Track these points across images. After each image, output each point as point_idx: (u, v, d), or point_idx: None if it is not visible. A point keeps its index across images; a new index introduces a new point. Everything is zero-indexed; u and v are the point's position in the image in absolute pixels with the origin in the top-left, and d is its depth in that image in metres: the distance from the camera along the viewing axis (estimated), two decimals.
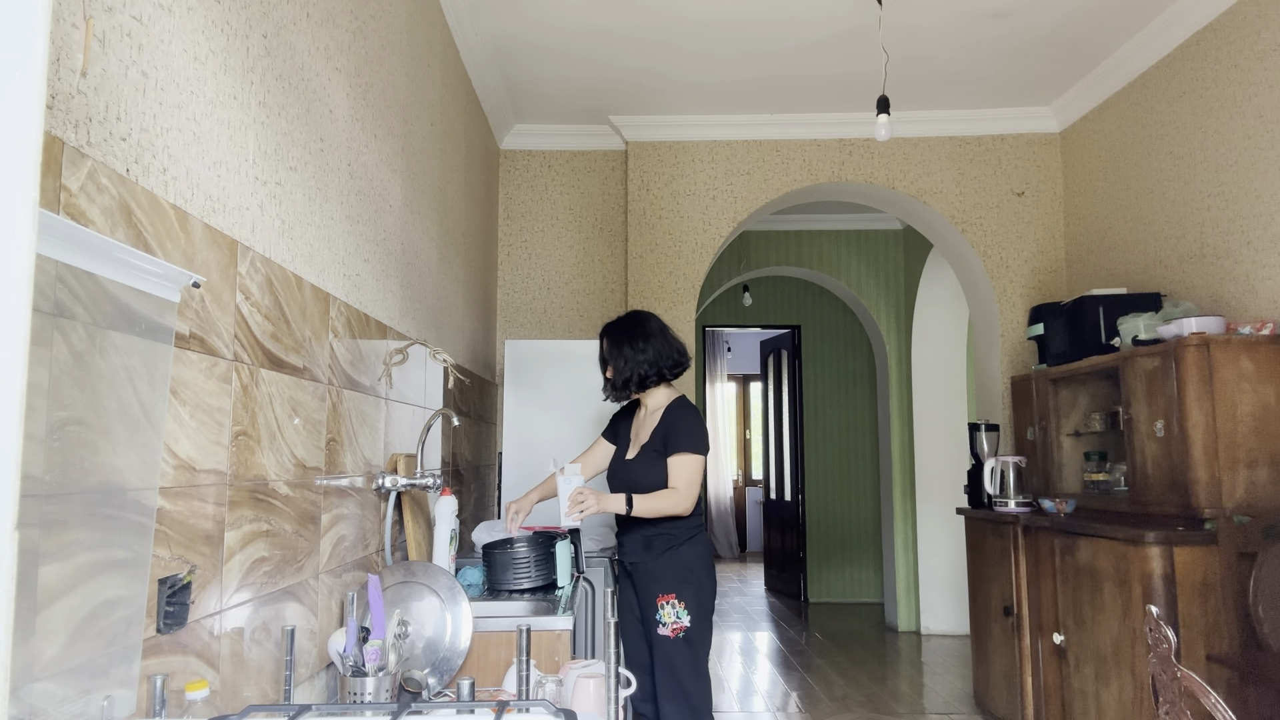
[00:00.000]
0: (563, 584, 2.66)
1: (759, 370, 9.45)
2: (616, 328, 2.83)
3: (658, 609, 2.65)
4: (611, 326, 2.85)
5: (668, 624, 2.64)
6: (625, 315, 2.89)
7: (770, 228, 6.85)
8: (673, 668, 2.63)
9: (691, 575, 2.69)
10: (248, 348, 1.55)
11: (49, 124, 1.03)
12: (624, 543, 2.80)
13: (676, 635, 2.63)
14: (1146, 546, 2.96)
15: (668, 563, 2.68)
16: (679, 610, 2.64)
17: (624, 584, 2.85)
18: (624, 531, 2.80)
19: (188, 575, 1.31)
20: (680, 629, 2.64)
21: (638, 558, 2.73)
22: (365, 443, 2.26)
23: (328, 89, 2.03)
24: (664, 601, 2.65)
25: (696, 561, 2.72)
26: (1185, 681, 1.62)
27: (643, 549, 2.72)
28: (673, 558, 2.69)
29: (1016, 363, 4.64)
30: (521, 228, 4.92)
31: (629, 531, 2.77)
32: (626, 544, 2.79)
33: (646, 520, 2.71)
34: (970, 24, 3.79)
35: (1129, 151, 4.14)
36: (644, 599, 2.71)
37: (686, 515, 2.72)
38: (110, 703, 1.08)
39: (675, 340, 2.84)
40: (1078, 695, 3.41)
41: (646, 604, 2.69)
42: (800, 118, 4.76)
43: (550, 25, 3.79)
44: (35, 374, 0.93)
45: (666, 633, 2.64)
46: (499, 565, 2.59)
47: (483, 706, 1.30)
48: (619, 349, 2.79)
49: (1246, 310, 3.36)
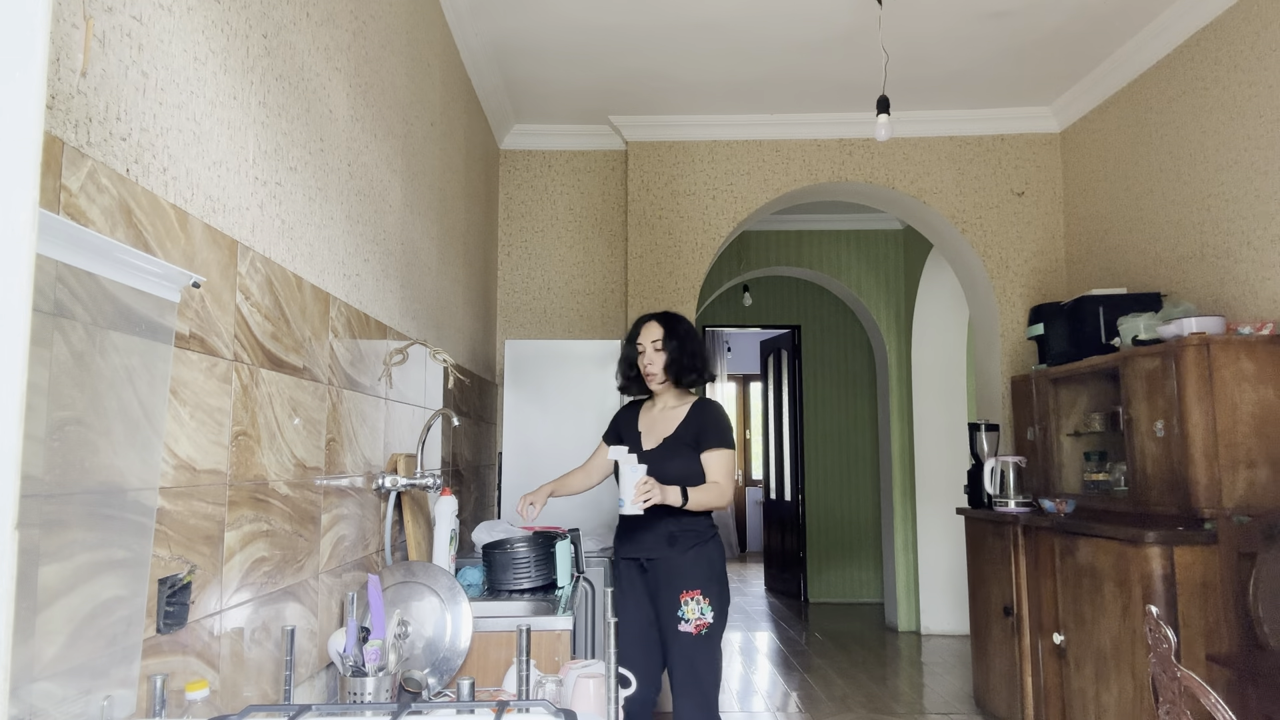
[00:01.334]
0: (563, 584, 2.66)
1: (759, 370, 9.45)
2: (678, 318, 2.85)
3: (680, 605, 2.61)
4: (673, 315, 2.85)
5: (691, 620, 2.60)
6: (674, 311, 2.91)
7: (770, 228, 6.85)
8: (693, 665, 2.60)
9: (715, 572, 2.68)
10: (248, 348, 1.55)
11: (49, 124, 1.03)
12: (641, 538, 2.72)
13: (699, 632, 2.60)
14: (1146, 546, 2.96)
15: (694, 559, 2.65)
16: (703, 606, 2.62)
17: (631, 582, 2.76)
18: (642, 527, 2.72)
19: (188, 575, 1.31)
20: (704, 625, 2.61)
21: (659, 553, 2.67)
22: (365, 443, 2.26)
23: (328, 89, 2.03)
24: (688, 598, 2.61)
25: (719, 559, 2.71)
26: (1185, 681, 1.62)
27: (665, 545, 2.67)
28: (698, 554, 2.66)
29: (1016, 363, 4.64)
30: (521, 228, 4.92)
31: (648, 527, 2.70)
32: (645, 539, 2.71)
33: (669, 516, 2.67)
34: (970, 24, 3.79)
35: (1129, 151, 4.14)
36: (663, 596, 2.65)
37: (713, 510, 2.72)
38: (110, 703, 1.08)
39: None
40: (1078, 695, 3.41)
41: (666, 601, 2.64)
42: (800, 118, 4.76)
43: (550, 25, 3.79)
44: (35, 374, 0.93)
45: (689, 629, 2.60)
46: (499, 565, 2.59)
47: (483, 706, 1.30)
48: (689, 337, 2.81)
49: (1246, 310, 3.36)
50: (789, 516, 7.84)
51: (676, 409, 2.82)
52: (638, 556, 2.73)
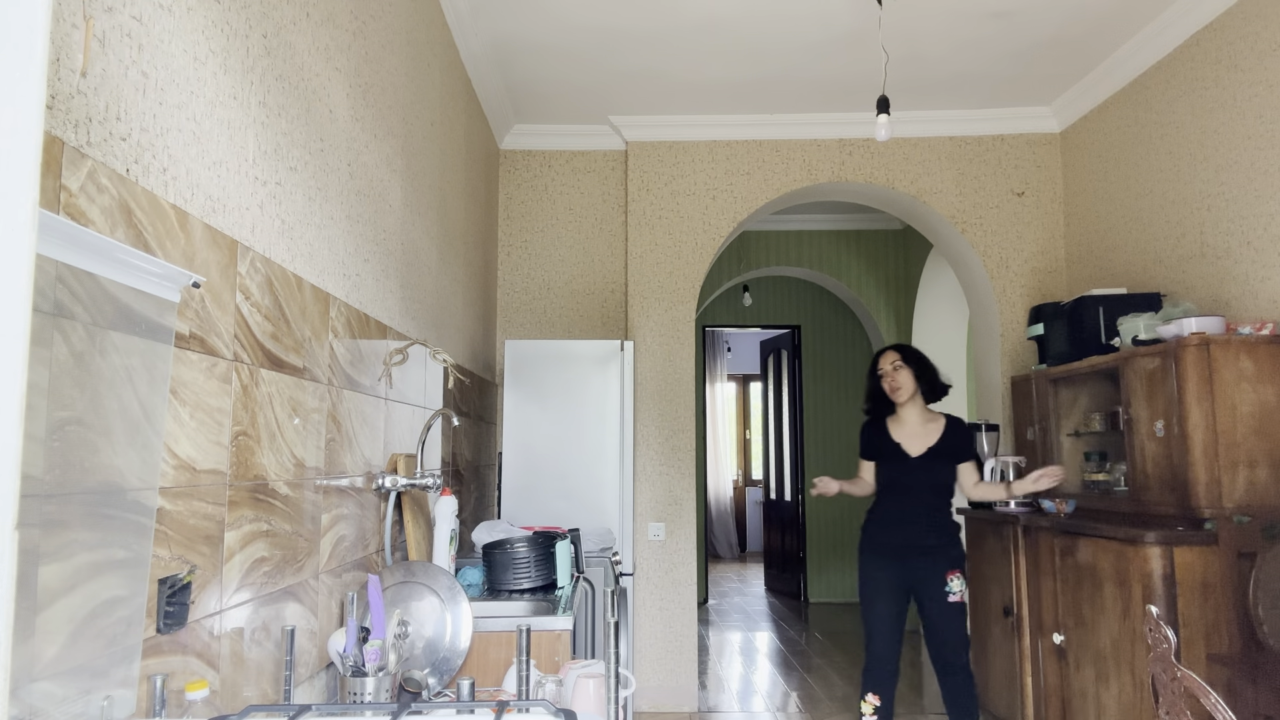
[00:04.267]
0: (563, 584, 2.66)
1: (759, 370, 9.45)
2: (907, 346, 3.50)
3: (947, 582, 3.26)
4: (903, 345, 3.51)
5: (957, 592, 3.25)
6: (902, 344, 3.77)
7: (770, 228, 6.85)
8: (961, 625, 3.26)
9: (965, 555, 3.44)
10: (248, 348, 1.55)
11: (49, 124, 1.03)
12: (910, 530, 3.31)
13: (962, 599, 3.26)
14: (1146, 546, 2.96)
15: (952, 544, 3.31)
16: (963, 581, 3.29)
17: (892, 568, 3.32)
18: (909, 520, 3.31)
19: (188, 575, 1.31)
20: (964, 595, 3.28)
21: (935, 540, 3.29)
22: (365, 443, 2.26)
23: (328, 89, 2.03)
24: (953, 576, 3.26)
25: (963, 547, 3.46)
26: (1185, 681, 1.62)
27: (936, 533, 3.30)
28: (955, 540, 3.33)
29: (1016, 363, 4.64)
30: (521, 228, 4.91)
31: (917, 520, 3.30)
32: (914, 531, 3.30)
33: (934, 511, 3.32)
34: (970, 24, 3.79)
35: (1129, 151, 4.14)
36: (934, 575, 3.26)
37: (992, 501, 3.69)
38: (110, 703, 1.08)
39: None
40: (1077, 695, 3.40)
41: (936, 579, 3.26)
42: (800, 118, 4.76)
43: (550, 25, 3.79)
44: (35, 374, 0.93)
45: (958, 599, 3.26)
46: (499, 565, 2.59)
47: (483, 706, 1.30)
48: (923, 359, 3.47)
49: (1246, 310, 3.36)
50: (789, 516, 7.84)
51: (931, 424, 3.41)
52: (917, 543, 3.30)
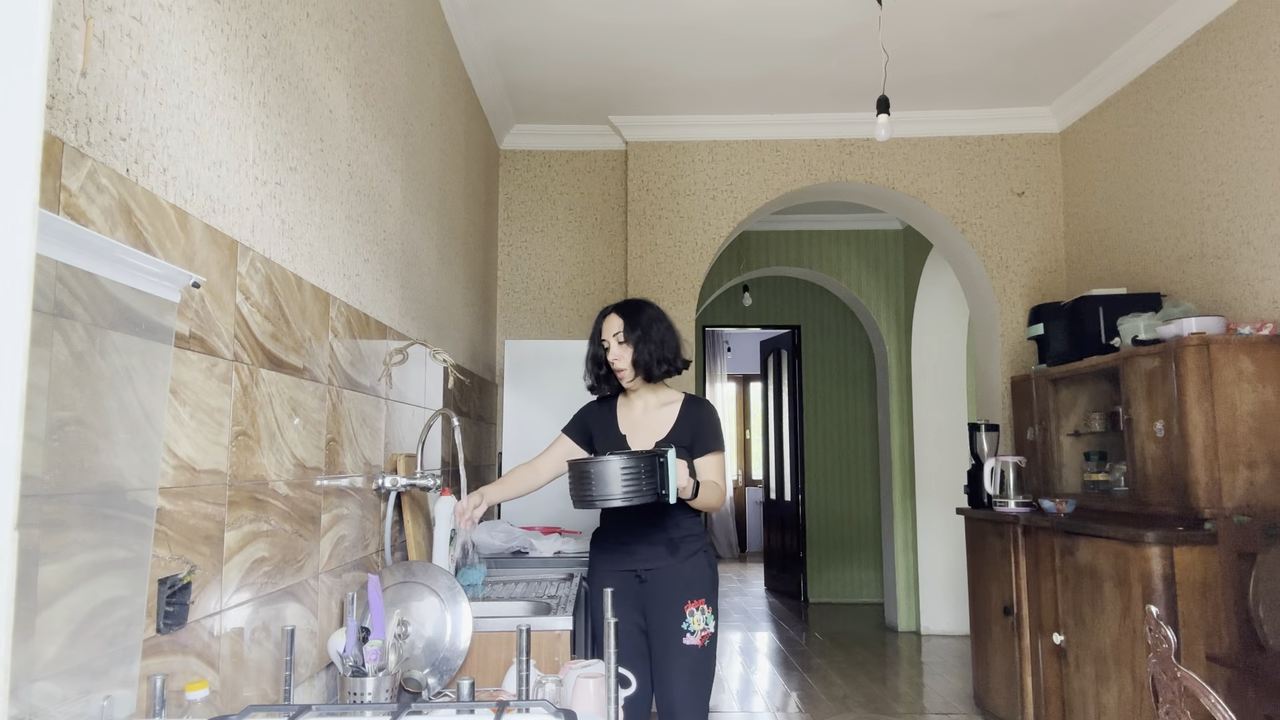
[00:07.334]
0: (672, 500, 2.26)
1: (759, 370, 9.45)
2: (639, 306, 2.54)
3: (685, 616, 2.41)
4: (634, 304, 2.56)
5: (696, 631, 2.42)
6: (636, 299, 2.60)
7: (770, 228, 6.85)
8: (696, 677, 2.41)
9: (714, 580, 2.51)
10: (248, 348, 1.55)
11: (49, 124, 1.03)
12: (635, 549, 2.49)
13: (704, 643, 2.42)
14: (1146, 546, 2.96)
15: (694, 567, 2.47)
16: (708, 616, 2.44)
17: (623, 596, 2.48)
18: (634, 536, 2.50)
19: (188, 575, 1.31)
20: (708, 635, 2.43)
21: (659, 563, 2.46)
22: (365, 443, 2.26)
23: (328, 89, 2.03)
24: (694, 608, 2.43)
25: (715, 565, 2.55)
26: (1185, 681, 1.62)
27: (667, 553, 2.47)
28: (698, 561, 2.48)
29: (1016, 363, 4.64)
30: (521, 228, 4.91)
31: (642, 536, 2.49)
32: (639, 550, 2.49)
33: (668, 522, 2.49)
34: (970, 24, 3.79)
35: (1128, 151, 4.14)
36: (664, 607, 2.44)
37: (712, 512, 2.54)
38: (110, 703, 1.08)
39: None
40: (1078, 695, 3.40)
41: (668, 613, 2.43)
42: (800, 118, 4.76)
43: (550, 25, 3.79)
44: (35, 374, 0.93)
45: (694, 641, 2.41)
46: (594, 479, 2.17)
47: (483, 706, 1.30)
48: (652, 327, 2.50)
49: (1246, 310, 3.36)
50: (789, 516, 7.84)
51: (664, 408, 2.56)
52: (634, 569, 2.49)
